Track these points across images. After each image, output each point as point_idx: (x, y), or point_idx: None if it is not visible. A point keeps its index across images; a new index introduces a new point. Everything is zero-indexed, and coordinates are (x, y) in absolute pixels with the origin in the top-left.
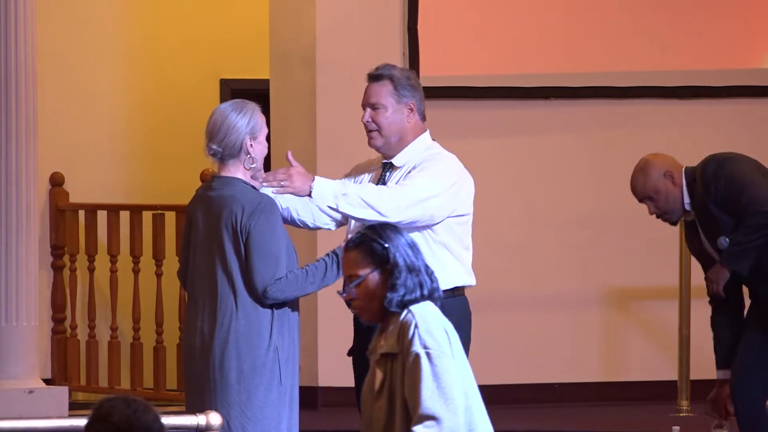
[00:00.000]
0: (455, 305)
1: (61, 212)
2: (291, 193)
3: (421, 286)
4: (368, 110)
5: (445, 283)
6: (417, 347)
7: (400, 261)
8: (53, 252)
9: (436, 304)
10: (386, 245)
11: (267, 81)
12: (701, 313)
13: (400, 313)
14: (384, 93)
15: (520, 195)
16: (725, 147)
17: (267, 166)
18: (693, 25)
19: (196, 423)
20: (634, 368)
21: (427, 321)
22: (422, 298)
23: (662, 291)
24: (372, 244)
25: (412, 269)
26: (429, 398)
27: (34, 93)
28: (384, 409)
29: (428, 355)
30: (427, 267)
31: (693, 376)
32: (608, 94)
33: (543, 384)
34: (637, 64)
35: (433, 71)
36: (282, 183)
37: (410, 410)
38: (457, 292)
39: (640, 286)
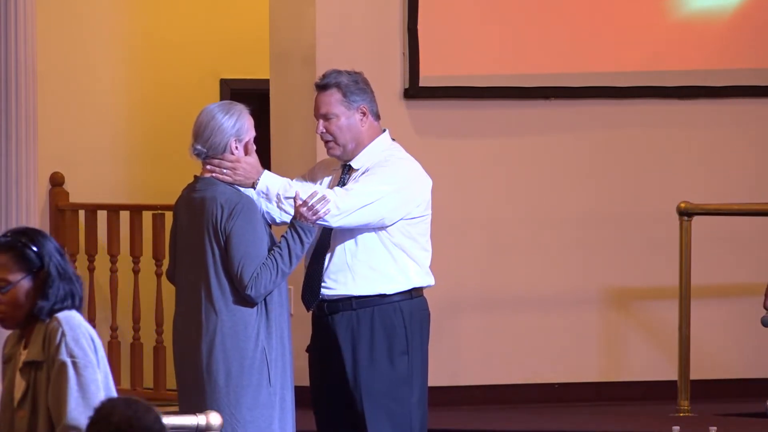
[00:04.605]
0: (414, 306)
1: (61, 212)
2: (234, 184)
3: (72, 295)
4: (321, 121)
5: (403, 284)
6: (63, 356)
7: (52, 268)
8: None
9: (80, 313)
10: (38, 251)
11: (267, 81)
12: (701, 313)
13: (45, 321)
14: (333, 102)
15: (520, 195)
16: (725, 147)
17: (266, 166)
18: (692, 24)
19: (196, 423)
20: (634, 368)
21: (74, 329)
22: (72, 306)
23: (662, 291)
24: (24, 249)
25: (63, 276)
26: (74, 408)
27: (34, 93)
28: (26, 419)
29: (74, 364)
30: (75, 274)
31: (693, 376)
32: (608, 94)
33: (543, 384)
34: (637, 64)
35: (433, 71)
36: (224, 171)
37: (54, 419)
38: (415, 293)
39: (640, 286)
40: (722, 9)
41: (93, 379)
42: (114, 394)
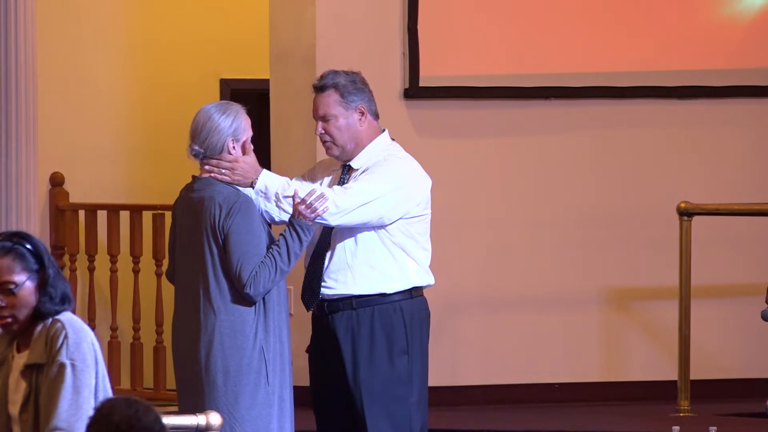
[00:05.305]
0: (414, 306)
1: (61, 212)
2: (233, 183)
3: (67, 296)
4: (319, 123)
5: (402, 283)
6: (63, 358)
7: (51, 268)
8: (53, 252)
9: (71, 312)
10: (35, 251)
11: (267, 81)
12: (701, 313)
13: (46, 322)
14: (331, 103)
15: (520, 195)
16: (725, 147)
17: (266, 166)
18: (692, 24)
19: (196, 423)
20: (634, 368)
21: (77, 332)
22: (69, 308)
23: (662, 291)
24: (23, 249)
25: (59, 276)
26: (66, 410)
27: (34, 93)
28: (30, 422)
29: (73, 366)
30: (63, 275)
31: (693, 376)
32: (608, 94)
33: (543, 384)
34: (637, 64)
35: (433, 71)
36: (223, 171)
37: (42, 417)
38: (415, 292)
39: (640, 286)
40: (722, 9)
41: (87, 384)
42: (110, 396)
